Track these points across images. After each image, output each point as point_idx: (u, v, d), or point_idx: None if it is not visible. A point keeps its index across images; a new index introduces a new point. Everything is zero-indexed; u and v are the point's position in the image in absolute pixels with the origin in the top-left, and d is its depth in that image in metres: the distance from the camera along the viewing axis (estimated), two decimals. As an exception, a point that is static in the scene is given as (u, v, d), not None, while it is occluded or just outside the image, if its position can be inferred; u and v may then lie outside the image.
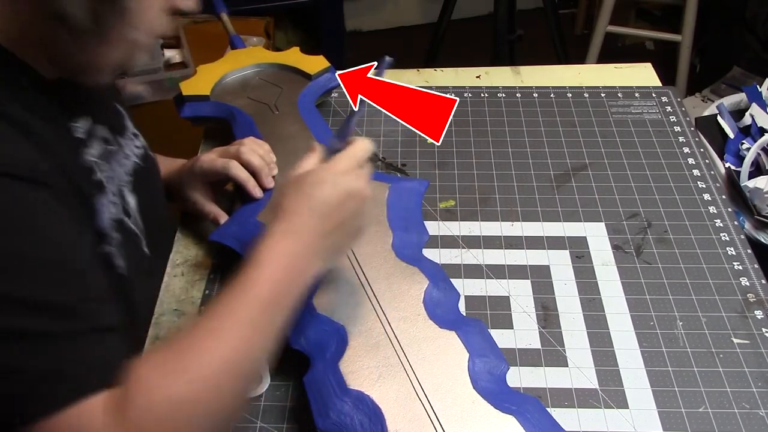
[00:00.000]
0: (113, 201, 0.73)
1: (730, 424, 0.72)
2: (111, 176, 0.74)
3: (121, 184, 0.77)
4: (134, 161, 0.82)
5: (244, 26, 1.87)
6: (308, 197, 0.67)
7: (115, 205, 0.73)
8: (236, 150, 0.89)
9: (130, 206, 0.78)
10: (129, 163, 0.80)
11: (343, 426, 0.66)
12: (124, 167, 0.79)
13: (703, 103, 2.11)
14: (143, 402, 0.54)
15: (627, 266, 0.89)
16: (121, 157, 0.78)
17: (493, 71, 1.24)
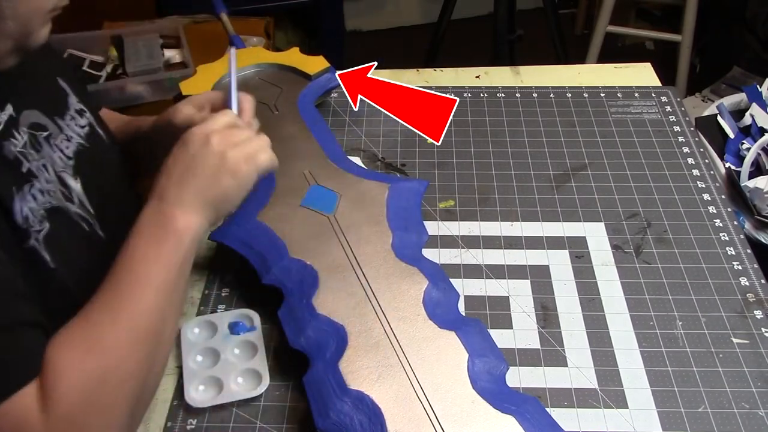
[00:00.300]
0: (46, 189, 0.71)
1: (730, 424, 0.72)
2: (45, 163, 0.72)
3: (60, 169, 0.75)
4: (77, 142, 0.79)
5: (244, 26, 1.87)
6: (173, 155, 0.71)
7: (48, 194, 0.71)
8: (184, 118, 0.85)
9: (75, 191, 0.76)
10: (71, 144, 0.78)
11: (343, 426, 0.67)
12: (64, 150, 0.76)
13: (703, 103, 2.11)
14: (63, 384, 0.56)
15: (626, 266, 0.89)
16: (60, 140, 0.76)
17: (492, 71, 1.24)
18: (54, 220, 0.71)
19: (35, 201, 0.69)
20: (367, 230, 0.85)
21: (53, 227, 0.71)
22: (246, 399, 0.74)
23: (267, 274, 0.81)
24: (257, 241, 0.84)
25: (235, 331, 0.79)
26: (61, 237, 0.71)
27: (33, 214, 0.68)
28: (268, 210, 0.88)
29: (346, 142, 1.08)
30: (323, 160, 0.95)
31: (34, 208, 0.69)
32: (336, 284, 0.79)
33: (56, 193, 0.73)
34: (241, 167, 0.72)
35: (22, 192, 0.68)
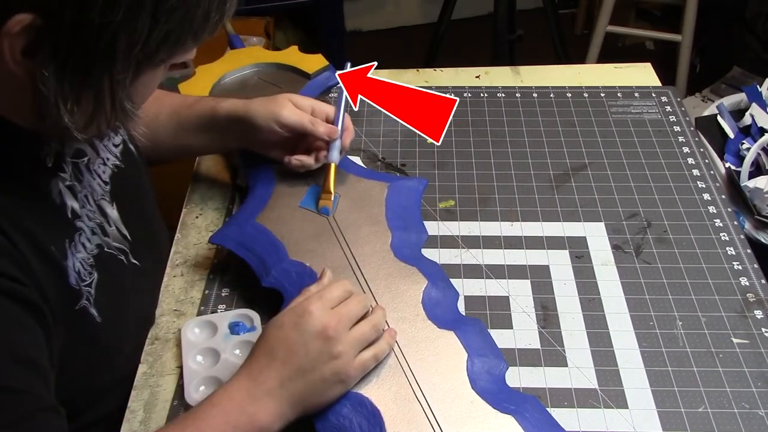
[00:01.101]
0: (90, 227, 0.69)
1: (730, 424, 0.72)
2: (86, 194, 0.70)
3: (100, 197, 0.72)
4: (113, 164, 0.77)
5: (244, 26, 1.87)
6: (271, 341, 0.66)
7: (92, 237, 0.69)
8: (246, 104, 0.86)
9: (112, 218, 0.74)
10: (107, 169, 0.75)
11: (342, 428, 0.66)
12: (101, 175, 0.74)
13: (703, 103, 2.11)
14: None
15: (626, 266, 0.89)
16: (98, 165, 0.73)
17: (492, 71, 1.24)
18: (99, 263, 0.69)
19: (85, 250, 0.67)
20: (366, 230, 0.85)
21: (99, 273, 0.69)
22: (245, 399, 0.74)
23: (266, 277, 0.81)
24: (256, 244, 0.84)
25: (235, 332, 0.79)
26: (107, 281, 0.69)
27: (83, 266, 0.66)
28: (267, 212, 0.88)
29: (346, 142, 1.08)
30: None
31: (85, 258, 0.67)
32: (335, 284, 0.79)
33: (97, 229, 0.71)
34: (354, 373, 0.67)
35: (74, 243, 0.66)
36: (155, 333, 0.82)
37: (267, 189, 0.91)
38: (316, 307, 0.67)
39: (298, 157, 0.89)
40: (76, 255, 0.66)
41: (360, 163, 1.01)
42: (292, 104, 0.87)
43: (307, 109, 0.88)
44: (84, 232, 0.68)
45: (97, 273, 0.69)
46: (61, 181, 0.67)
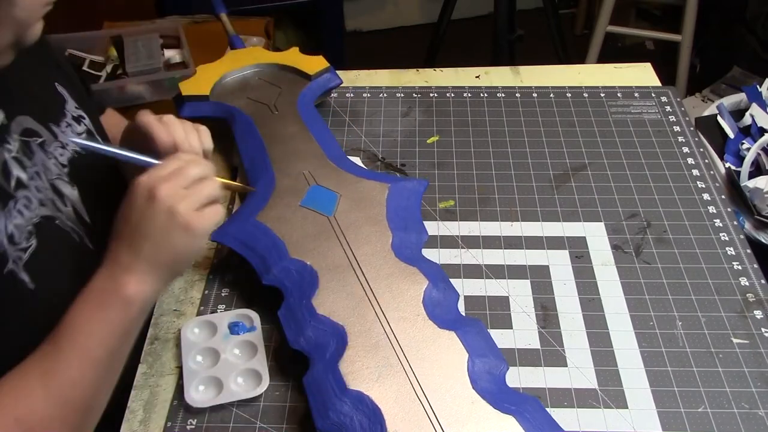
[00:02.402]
0: (38, 198, 0.70)
1: (730, 424, 0.72)
2: (38, 171, 0.71)
3: (55, 176, 0.73)
4: (73, 150, 0.78)
5: (244, 26, 1.87)
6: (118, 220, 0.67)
7: (40, 204, 0.70)
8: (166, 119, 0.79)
9: (69, 198, 0.74)
10: (66, 152, 0.76)
11: (343, 426, 0.67)
12: (58, 157, 0.75)
13: (703, 103, 2.11)
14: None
15: (626, 266, 0.89)
16: (54, 147, 0.74)
17: (492, 71, 1.24)
18: (42, 234, 0.69)
19: (22, 216, 0.68)
20: (366, 230, 0.85)
21: (40, 242, 0.69)
22: (246, 399, 0.74)
23: (267, 275, 0.81)
24: (257, 242, 0.84)
25: (235, 332, 0.79)
26: (48, 252, 0.69)
27: (19, 231, 0.67)
28: (267, 210, 0.88)
29: (346, 142, 1.08)
30: (323, 160, 0.95)
31: (21, 225, 0.67)
32: (336, 284, 0.79)
33: (48, 203, 0.71)
34: (193, 222, 0.67)
35: (8, 209, 0.66)
36: (155, 333, 0.82)
37: (268, 188, 0.91)
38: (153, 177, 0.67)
39: None
40: (11, 219, 0.66)
41: (360, 163, 1.02)
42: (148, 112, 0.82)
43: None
44: (21, 200, 0.68)
45: (37, 241, 0.68)
46: (6, 152, 0.68)
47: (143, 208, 0.66)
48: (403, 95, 1.17)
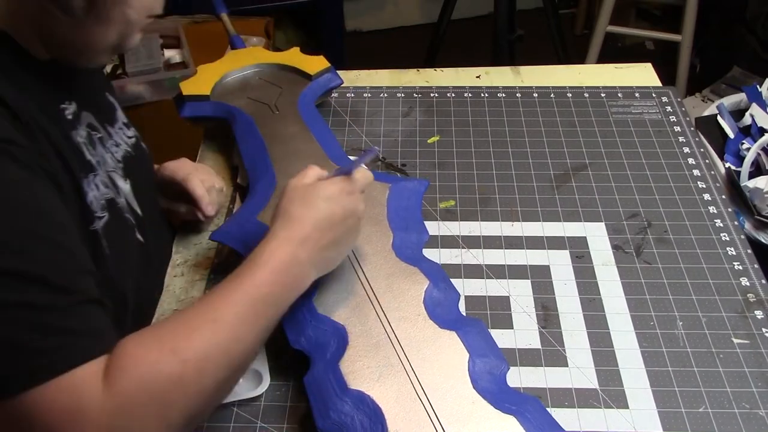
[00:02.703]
0: (104, 182, 0.74)
1: (730, 424, 0.72)
2: (99, 161, 0.74)
3: (111, 169, 0.76)
4: (125, 149, 0.82)
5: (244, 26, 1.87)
6: (315, 210, 0.70)
7: (106, 186, 0.74)
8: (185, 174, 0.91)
9: (123, 191, 0.78)
10: (119, 150, 0.80)
11: (344, 426, 0.67)
12: (114, 153, 0.78)
13: (703, 103, 2.11)
14: (134, 373, 0.55)
15: (627, 266, 0.89)
16: (110, 144, 0.78)
17: (493, 71, 1.24)
18: (111, 210, 0.73)
19: (98, 190, 0.71)
20: (367, 230, 0.85)
21: (111, 217, 0.72)
22: (246, 399, 0.74)
23: (267, 274, 0.81)
24: (257, 242, 0.83)
25: (235, 331, 0.79)
26: (116, 227, 0.73)
27: (96, 201, 0.71)
28: (268, 210, 0.88)
29: (347, 142, 1.08)
30: (323, 160, 0.95)
31: (97, 196, 0.71)
32: (336, 284, 0.79)
33: (110, 189, 0.75)
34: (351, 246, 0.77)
35: (88, 179, 0.70)
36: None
37: (268, 187, 0.91)
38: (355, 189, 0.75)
39: None
40: (90, 187, 0.70)
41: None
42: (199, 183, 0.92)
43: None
44: (97, 175, 0.72)
45: (109, 215, 0.72)
46: (79, 136, 0.72)
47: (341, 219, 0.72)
48: (404, 95, 1.17)
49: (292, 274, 0.67)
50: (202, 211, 0.91)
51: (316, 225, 0.69)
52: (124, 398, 0.54)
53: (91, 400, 0.54)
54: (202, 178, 0.92)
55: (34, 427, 0.53)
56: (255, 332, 0.63)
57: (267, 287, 0.64)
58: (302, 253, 0.68)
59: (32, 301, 0.53)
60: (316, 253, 0.69)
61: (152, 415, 0.55)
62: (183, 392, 0.57)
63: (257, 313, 0.63)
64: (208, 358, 0.58)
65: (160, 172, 0.93)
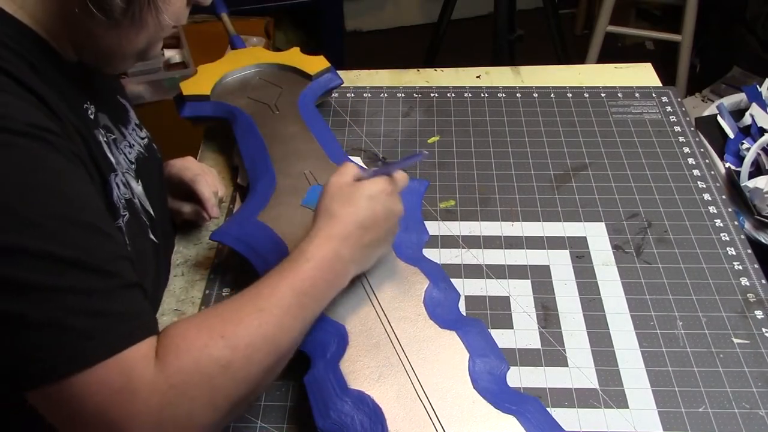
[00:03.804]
0: (123, 181, 0.75)
1: (730, 424, 0.72)
2: (116, 161, 0.76)
3: (125, 170, 0.78)
4: (138, 150, 0.83)
5: (244, 26, 1.87)
6: (358, 209, 0.72)
7: (124, 186, 0.75)
8: (193, 175, 0.93)
9: (136, 192, 0.79)
10: (132, 151, 0.82)
11: (344, 426, 0.67)
12: (128, 155, 0.80)
13: (703, 103, 2.11)
14: (186, 355, 0.57)
15: (627, 266, 0.89)
16: (124, 146, 0.80)
17: (493, 71, 1.24)
18: (129, 209, 0.74)
19: (119, 189, 0.73)
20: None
21: (130, 216, 0.74)
22: (247, 399, 0.74)
23: (268, 274, 0.81)
24: (258, 242, 0.84)
25: (235, 331, 0.79)
26: (134, 226, 0.74)
27: (118, 200, 0.72)
28: (268, 210, 0.88)
29: (347, 142, 1.08)
30: (324, 160, 0.95)
31: (119, 195, 0.72)
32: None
33: (128, 187, 0.76)
34: (393, 237, 0.78)
35: (111, 177, 0.71)
36: (156, 332, 0.82)
37: (268, 187, 0.91)
38: (394, 189, 0.76)
39: None
40: (114, 185, 0.71)
41: (361, 163, 1.02)
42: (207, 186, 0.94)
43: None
44: (118, 175, 0.73)
45: (128, 214, 0.73)
46: (100, 135, 0.73)
47: (383, 215, 0.74)
48: (404, 95, 1.17)
49: (335, 270, 0.69)
50: (207, 212, 0.91)
51: (358, 223, 0.71)
52: (177, 379, 0.56)
53: (143, 380, 0.55)
54: (208, 180, 0.93)
55: (84, 408, 0.54)
56: (299, 323, 0.65)
57: (310, 281, 0.66)
58: (344, 251, 0.70)
59: (72, 284, 0.54)
60: (357, 251, 0.71)
61: (202, 397, 0.57)
62: (231, 377, 0.58)
63: (301, 305, 0.65)
64: (256, 346, 0.60)
65: (166, 170, 0.94)
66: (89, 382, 0.53)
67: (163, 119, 1.30)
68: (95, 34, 0.65)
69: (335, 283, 0.70)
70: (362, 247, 0.72)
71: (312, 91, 1.07)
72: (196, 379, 0.56)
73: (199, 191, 0.91)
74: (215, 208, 0.92)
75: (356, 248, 0.71)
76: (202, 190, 0.91)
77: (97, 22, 0.63)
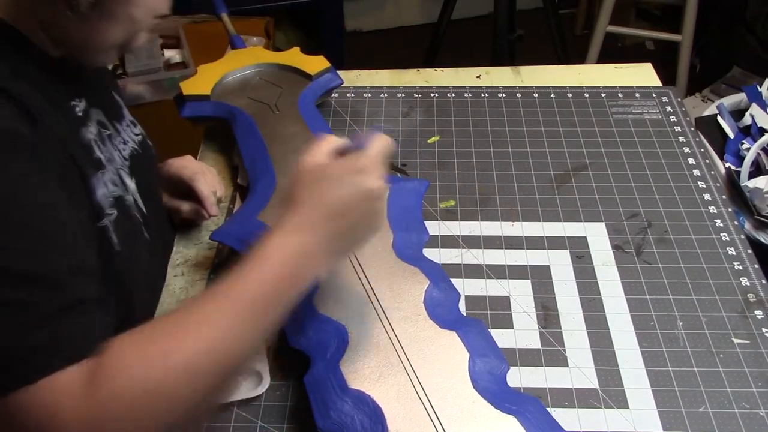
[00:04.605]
0: (113, 179, 0.74)
1: (730, 424, 0.72)
2: (108, 158, 0.75)
3: (119, 167, 0.77)
4: (132, 146, 0.82)
5: (244, 26, 1.87)
6: (325, 194, 0.65)
7: (114, 184, 0.74)
8: (191, 173, 0.92)
9: (130, 188, 0.78)
10: (126, 147, 0.81)
11: (344, 426, 0.67)
12: (122, 151, 0.79)
13: (703, 103, 2.11)
14: (120, 379, 0.53)
15: (627, 266, 0.89)
16: (118, 142, 0.79)
17: (493, 71, 1.24)
18: (119, 207, 0.73)
19: (106, 188, 0.72)
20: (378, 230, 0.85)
21: (119, 214, 0.73)
22: (246, 399, 0.74)
23: (268, 274, 0.81)
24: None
25: (235, 331, 0.79)
26: (125, 224, 0.73)
27: (104, 198, 0.71)
28: (268, 210, 0.88)
29: (347, 142, 1.08)
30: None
31: (106, 193, 0.71)
32: (337, 284, 0.79)
33: (120, 186, 0.76)
34: (373, 230, 0.69)
35: (97, 176, 0.70)
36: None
37: (269, 187, 0.91)
38: (369, 166, 0.66)
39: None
40: (99, 184, 0.70)
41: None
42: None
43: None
44: (106, 173, 0.72)
45: (117, 212, 0.72)
46: (89, 133, 0.72)
47: (351, 198, 0.65)
48: (404, 95, 1.17)
49: (300, 265, 0.62)
50: (207, 211, 0.91)
51: (325, 210, 0.64)
52: (107, 407, 0.52)
53: (68, 407, 0.52)
54: (207, 179, 0.93)
55: (15, 429, 0.52)
56: (255, 332, 0.59)
57: (270, 283, 0.60)
58: (311, 243, 0.63)
59: (15, 298, 0.52)
60: (328, 240, 0.64)
61: (134, 424, 0.53)
62: (168, 400, 0.54)
63: (258, 311, 0.59)
64: (198, 364, 0.55)
65: (165, 169, 0.93)
66: (21, 404, 0.52)
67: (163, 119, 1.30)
68: (68, 29, 0.65)
69: (301, 279, 0.62)
70: (334, 235, 0.64)
71: (312, 91, 1.07)
72: (121, 409, 0.52)
73: (197, 189, 0.91)
74: (214, 206, 0.91)
75: (326, 238, 0.63)
76: (201, 189, 0.91)
77: (67, 18, 0.62)
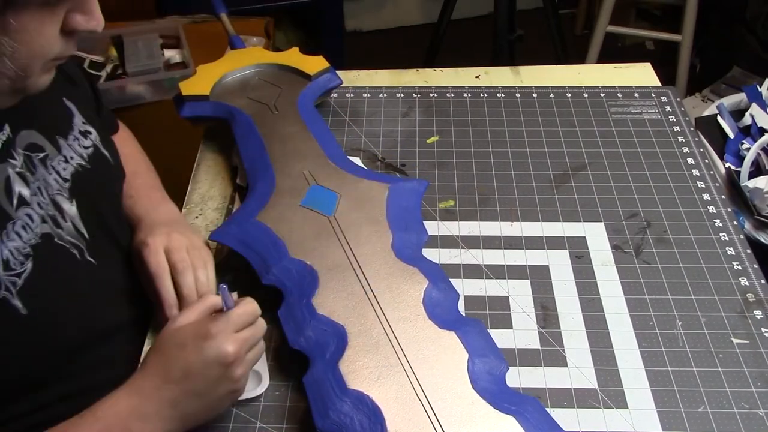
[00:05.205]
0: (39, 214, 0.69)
1: (730, 424, 0.72)
2: (39, 186, 0.70)
3: (55, 191, 0.73)
4: (78, 163, 0.77)
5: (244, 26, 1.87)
6: (167, 359, 0.65)
7: (40, 225, 0.69)
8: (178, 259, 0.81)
9: (68, 214, 0.74)
10: (69, 166, 0.76)
11: (343, 426, 0.67)
12: (60, 172, 0.74)
13: (703, 103, 2.11)
14: None
15: (626, 266, 0.89)
16: (57, 162, 0.74)
17: (492, 71, 1.24)
18: (39, 255, 0.68)
19: (20, 239, 0.67)
20: (367, 230, 0.85)
21: (36, 264, 0.68)
22: (246, 399, 0.74)
23: (267, 274, 0.81)
24: (257, 242, 0.84)
25: (235, 331, 0.79)
26: (44, 274, 0.68)
27: (14, 256, 0.66)
28: (268, 210, 0.88)
29: (346, 142, 1.08)
30: (323, 160, 0.95)
31: (19, 247, 0.67)
32: (336, 284, 0.79)
33: (48, 219, 0.71)
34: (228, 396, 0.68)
35: (5, 232, 0.66)
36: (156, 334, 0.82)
37: (268, 188, 0.91)
38: (221, 330, 0.66)
39: None
40: (7, 243, 0.65)
41: (360, 163, 1.02)
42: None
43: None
44: (25, 220, 0.68)
45: (33, 263, 0.67)
46: (10, 167, 0.68)
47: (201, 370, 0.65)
48: (403, 95, 1.17)
49: (132, 429, 0.63)
50: (163, 315, 0.79)
51: (166, 376, 0.64)
52: None
53: None
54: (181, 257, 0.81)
55: None
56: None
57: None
58: (147, 407, 0.63)
59: None
60: (170, 406, 0.64)
61: None
62: None
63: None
64: None
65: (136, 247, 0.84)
66: None
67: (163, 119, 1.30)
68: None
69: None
70: (175, 402, 0.64)
71: (311, 91, 1.07)
72: None
73: (158, 289, 0.79)
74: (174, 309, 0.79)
75: (168, 402, 0.64)
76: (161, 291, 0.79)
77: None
